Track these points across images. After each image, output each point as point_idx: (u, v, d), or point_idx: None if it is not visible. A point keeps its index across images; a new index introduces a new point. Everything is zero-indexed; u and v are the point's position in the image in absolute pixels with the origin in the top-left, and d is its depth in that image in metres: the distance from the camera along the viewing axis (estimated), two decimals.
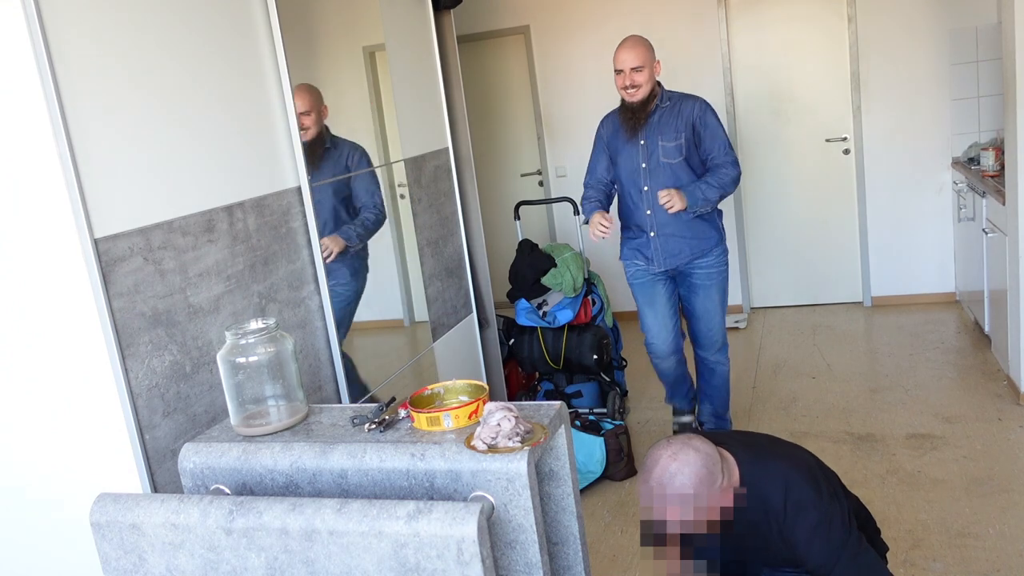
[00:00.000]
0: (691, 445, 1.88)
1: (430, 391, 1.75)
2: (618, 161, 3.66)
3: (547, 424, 1.56)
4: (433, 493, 1.49)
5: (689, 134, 3.53)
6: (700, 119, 3.54)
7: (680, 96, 3.62)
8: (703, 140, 3.55)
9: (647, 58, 3.52)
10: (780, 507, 1.94)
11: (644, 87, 3.52)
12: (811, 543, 1.92)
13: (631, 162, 3.61)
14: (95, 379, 2.01)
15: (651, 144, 3.56)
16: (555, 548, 1.66)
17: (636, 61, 3.49)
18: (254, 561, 1.42)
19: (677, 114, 3.56)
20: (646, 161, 3.57)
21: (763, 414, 4.25)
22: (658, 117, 3.57)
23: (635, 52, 3.51)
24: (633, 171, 3.61)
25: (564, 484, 1.63)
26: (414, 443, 1.53)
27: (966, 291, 5.29)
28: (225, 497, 1.47)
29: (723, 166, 3.52)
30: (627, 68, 3.51)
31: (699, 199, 3.48)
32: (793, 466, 2.02)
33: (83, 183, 1.96)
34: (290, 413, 1.71)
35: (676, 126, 3.54)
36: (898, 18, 5.46)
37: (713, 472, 1.86)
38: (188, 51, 2.37)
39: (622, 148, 3.64)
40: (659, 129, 3.55)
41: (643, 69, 3.50)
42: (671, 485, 1.82)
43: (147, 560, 1.48)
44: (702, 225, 3.61)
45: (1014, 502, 3.18)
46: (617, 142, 3.66)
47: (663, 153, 3.54)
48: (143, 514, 1.47)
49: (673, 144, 3.53)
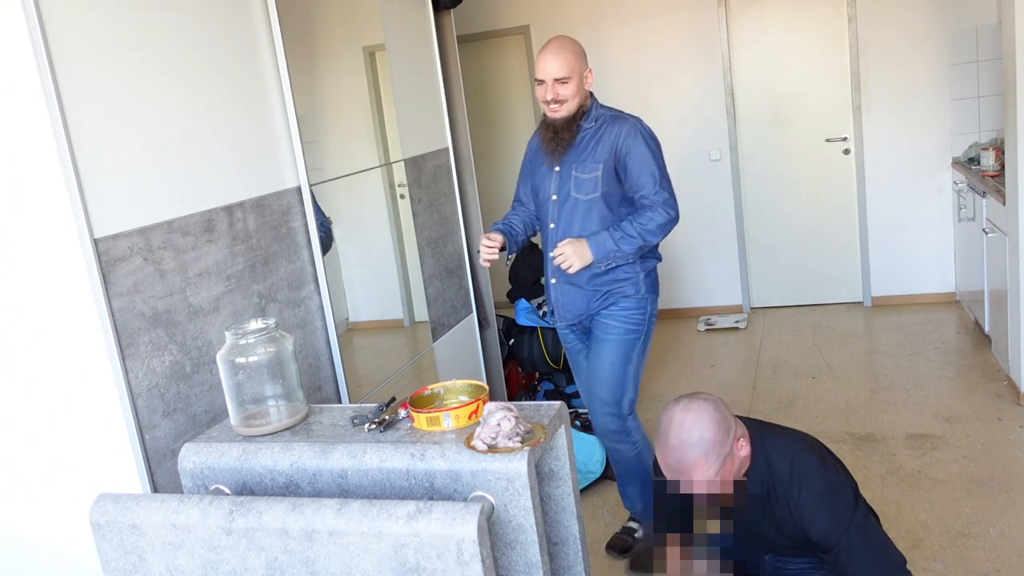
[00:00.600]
0: (698, 397, 1.90)
1: (430, 391, 1.75)
2: (534, 185, 2.96)
3: (547, 424, 1.56)
4: (433, 493, 1.49)
5: (611, 165, 2.78)
6: (624, 146, 2.76)
7: (610, 116, 2.84)
8: (628, 173, 2.78)
9: (575, 66, 2.75)
10: (787, 476, 1.95)
11: (570, 102, 2.76)
12: (817, 512, 1.92)
13: (543, 191, 2.90)
14: (95, 379, 2.01)
15: (565, 173, 2.83)
16: (555, 548, 1.66)
17: (561, 70, 2.73)
18: (254, 561, 1.42)
19: (599, 139, 2.79)
20: (557, 192, 2.85)
21: (763, 414, 4.25)
22: (580, 140, 2.81)
23: (560, 59, 2.73)
24: (543, 203, 2.91)
25: (564, 484, 1.63)
26: (414, 443, 1.53)
27: (966, 291, 5.29)
28: (225, 497, 1.47)
29: (651, 208, 2.75)
30: (549, 78, 2.74)
31: (608, 252, 2.74)
32: (799, 440, 2.04)
33: (83, 183, 1.96)
34: (290, 413, 1.71)
35: (596, 153, 2.79)
36: (898, 18, 5.46)
37: (727, 417, 1.88)
38: (188, 51, 2.37)
39: (537, 171, 2.94)
40: (577, 155, 2.81)
41: (569, 80, 2.73)
42: (691, 435, 1.82)
43: (147, 560, 1.48)
44: (615, 272, 2.84)
45: (1014, 502, 3.18)
46: (536, 163, 2.95)
47: (575, 186, 2.81)
48: (143, 514, 1.47)
49: (589, 176, 2.79)
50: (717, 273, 6.11)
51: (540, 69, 2.76)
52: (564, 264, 2.70)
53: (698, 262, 6.13)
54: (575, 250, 2.70)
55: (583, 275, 2.82)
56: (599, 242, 2.74)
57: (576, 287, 2.86)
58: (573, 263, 2.70)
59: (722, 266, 6.09)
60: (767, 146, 5.91)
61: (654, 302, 2.97)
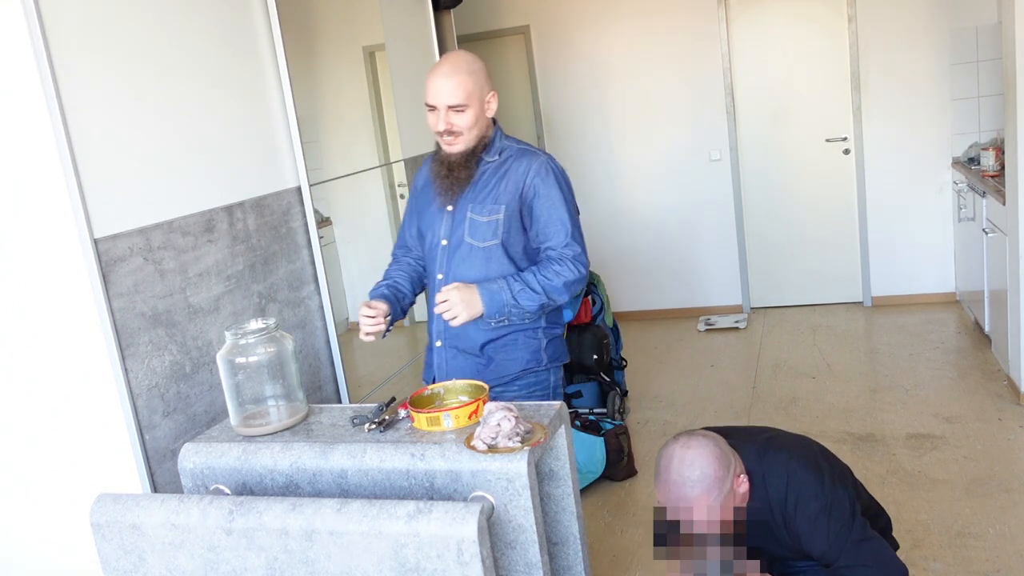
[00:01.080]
0: (697, 434, 1.90)
1: (430, 391, 1.75)
2: (422, 227, 2.45)
3: (547, 424, 1.56)
4: (433, 493, 1.48)
5: (515, 207, 2.32)
6: (532, 186, 2.31)
7: (518, 150, 2.38)
8: (535, 219, 2.32)
9: (473, 90, 2.24)
10: (782, 498, 1.95)
11: (467, 134, 2.27)
12: (814, 532, 1.92)
13: (431, 235, 2.40)
14: (95, 379, 2.01)
15: (459, 214, 2.34)
16: (555, 548, 1.65)
17: (455, 95, 2.22)
18: (254, 561, 1.42)
19: (503, 176, 2.32)
20: (447, 237, 2.35)
21: (763, 414, 4.25)
22: (479, 176, 2.34)
23: (454, 81, 2.22)
24: (431, 248, 2.40)
25: (564, 484, 1.63)
26: (414, 443, 1.53)
27: (966, 291, 5.29)
28: (225, 497, 1.47)
29: (560, 261, 2.30)
30: (441, 105, 2.23)
31: (503, 306, 2.24)
32: (796, 456, 2.02)
33: (83, 183, 1.96)
34: (290, 413, 1.71)
35: (497, 193, 2.32)
36: (898, 18, 5.46)
37: (727, 453, 1.87)
38: (188, 51, 2.37)
39: (426, 211, 2.43)
40: (475, 194, 2.33)
41: (466, 108, 2.24)
42: (691, 474, 1.82)
43: (147, 560, 1.48)
44: (513, 338, 2.35)
45: (1014, 502, 3.18)
46: (426, 199, 2.43)
47: (470, 230, 2.32)
48: (143, 514, 1.47)
49: (487, 219, 2.31)
50: (717, 273, 6.12)
51: (430, 93, 2.25)
52: (447, 314, 2.19)
53: (698, 262, 6.13)
54: (462, 298, 2.20)
55: (475, 339, 2.32)
56: (493, 292, 2.24)
57: (465, 354, 2.35)
58: (458, 314, 2.19)
59: (722, 266, 6.09)
60: (767, 146, 5.91)
61: (558, 371, 2.47)
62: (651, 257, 6.22)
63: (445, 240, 2.37)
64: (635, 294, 6.27)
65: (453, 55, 2.31)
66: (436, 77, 2.25)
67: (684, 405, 4.51)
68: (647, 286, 6.25)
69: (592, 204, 6.06)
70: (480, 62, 2.32)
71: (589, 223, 5.86)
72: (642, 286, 6.25)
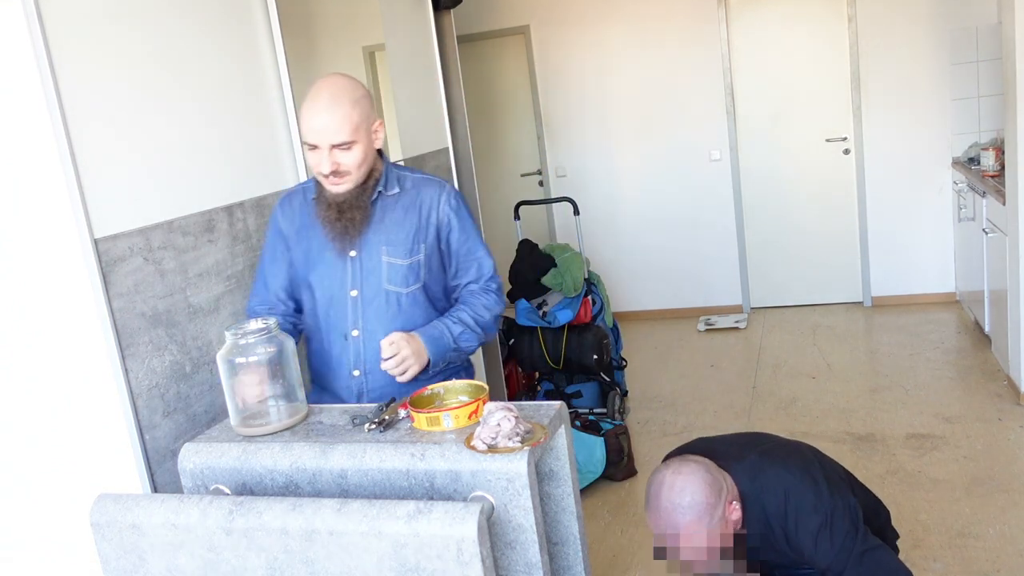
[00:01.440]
0: (687, 460, 1.89)
1: (430, 391, 1.75)
2: (311, 280, 2.13)
3: (547, 424, 1.56)
4: (433, 493, 1.48)
5: (433, 245, 2.12)
6: (446, 219, 2.12)
7: (417, 179, 2.15)
8: (454, 253, 2.15)
9: (360, 123, 1.97)
10: (782, 515, 1.94)
11: (356, 173, 2.01)
12: (817, 547, 1.92)
13: (331, 285, 2.11)
14: (95, 379, 2.01)
15: (370, 258, 2.08)
16: (555, 548, 1.65)
17: (340, 132, 1.95)
18: (254, 561, 1.42)
19: (410, 209, 2.11)
20: (358, 287, 2.09)
21: (763, 414, 4.25)
22: (381, 214, 2.09)
23: (339, 117, 1.94)
24: (334, 301, 2.11)
25: (564, 484, 1.62)
26: (414, 443, 1.53)
27: (966, 291, 5.29)
28: (225, 497, 1.47)
29: (484, 294, 2.15)
30: (324, 145, 1.96)
31: (445, 351, 2.06)
32: (790, 470, 2.00)
33: (83, 183, 1.96)
34: (290, 413, 1.71)
35: (410, 230, 2.09)
36: (898, 18, 5.46)
37: (718, 479, 1.87)
38: (188, 51, 2.37)
39: (318, 259, 2.11)
40: (382, 234, 2.08)
41: (354, 145, 1.97)
42: (682, 500, 1.82)
43: (147, 560, 1.48)
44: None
45: (1014, 502, 3.18)
46: (308, 246, 2.13)
47: (389, 275, 2.08)
48: (143, 514, 1.47)
49: (408, 262, 2.08)
50: (717, 273, 6.12)
51: (309, 131, 1.96)
52: (398, 369, 1.97)
53: (698, 262, 6.13)
54: (414, 350, 1.98)
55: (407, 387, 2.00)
56: (435, 339, 2.04)
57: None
58: (411, 367, 1.97)
59: (722, 266, 6.09)
60: (767, 146, 5.91)
61: None
62: (651, 257, 6.22)
63: (355, 291, 2.09)
64: (635, 294, 6.27)
65: (331, 82, 1.99)
66: (315, 112, 1.95)
67: (684, 405, 4.51)
68: (647, 286, 6.25)
69: (592, 204, 6.06)
70: (363, 88, 2.03)
71: (589, 223, 5.88)
72: (642, 286, 6.26)
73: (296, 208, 2.17)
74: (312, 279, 2.13)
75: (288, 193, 2.22)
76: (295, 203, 2.18)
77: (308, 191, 2.16)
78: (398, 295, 2.08)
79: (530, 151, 6.44)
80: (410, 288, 2.10)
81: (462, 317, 2.10)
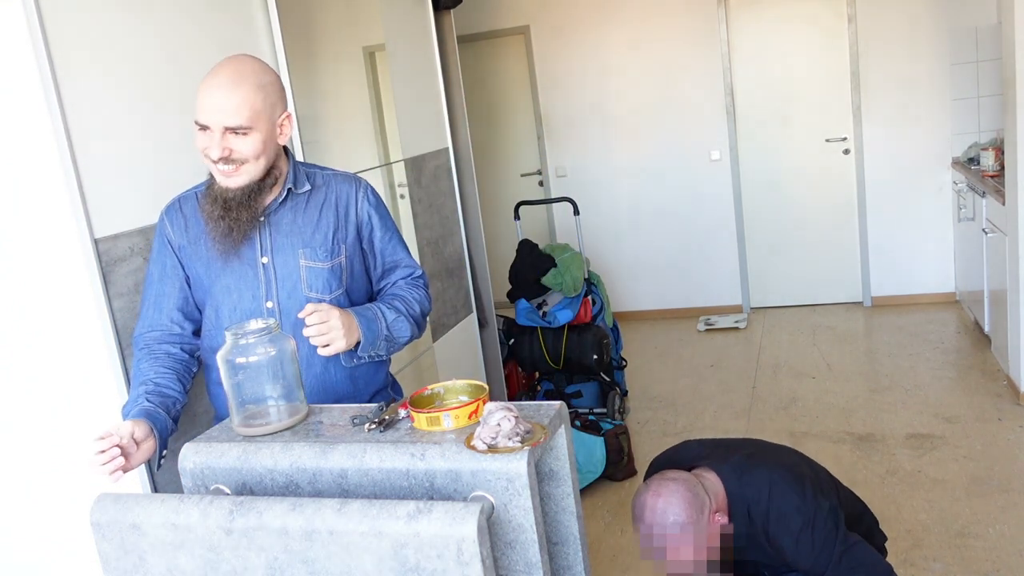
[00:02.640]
0: (666, 478, 1.92)
1: (430, 391, 1.75)
2: (216, 294, 1.89)
3: (547, 424, 1.56)
4: (433, 493, 1.48)
5: (353, 245, 1.96)
6: (366, 216, 1.97)
7: (329, 175, 1.97)
8: (378, 253, 2.00)
9: (263, 110, 1.77)
10: (764, 514, 1.96)
11: (251, 164, 1.79)
12: (798, 548, 1.94)
13: (243, 298, 1.89)
14: (95, 379, 2.01)
15: (283, 265, 1.89)
16: (555, 548, 1.65)
17: (239, 115, 1.74)
18: (254, 561, 1.42)
19: (325, 208, 1.93)
20: (274, 298, 1.89)
21: (763, 414, 4.25)
22: (291, 215, 1.90)
23: (237, 97, 1.73)
24: (249, 316, 1.87)
25: (564, 484, 1.62)
26: (414, 443, 1.53)
27: (966, 291, 5.29)
28: (225, 497, 1.47)
29: (415, 288, 2.02)
30: (217, 126, 1.74)
31: (377, 337, 1.88)
32: (776, 471, 2.03)
33: (83, 183, 1.96)
34: (290, 413, 1.71)
35: (328, 230, 1.92)
36: (898, 18, 5.46)
37: (699, 494, 1.91)
38: (189, 51, 2.37)
39: (222, 269, 1.88)
40: (297, 236, 1.89)
41: (251, 132, 1.76)
42: (665, 519, 1.86)
43: (147, 560, 1.48)
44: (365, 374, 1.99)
45: (1014, 502, 3.18)
46: (209, 256, 1.89)
47: (310, 282, 1.90)
48: (143, 514, 1.47)
49: (327, 265, 1.91)
50: (717, 273, 6.12)
51: (202, 108, 1.74)
52: (321, 339, 1.76)
53: (698, 262, 6.13)
54: (344, 322, 1.77)
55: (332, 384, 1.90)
56: (370, 320, 1.86)
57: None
58: (335, 340, 1.77)
59: (722, 266, 6.09)
60: (767, 146, 5.91)
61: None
62: (651, 257, 6.22)
63: (270, 302, 1.88)
64: (635, 294, 6.27)
65: (237, 60, 1.78)
66: (212, 88, 1.73)
67: (684, 405, 4.51)
68: (647, 286, 6.25)
69: (592, 204, 6.06)
70: (273, 73, 1.82)
71: (589, 223, 5.88)
72: (642, 286, 6.26)
73: (189, 214, 1.91)
74: (218, 293, 1.88)
75: (177, 198, 1.95)
76: (187, 209, 1.92)
77: (202, 193, 1.90)
78: (323, 302, 1.83)
79: (530, 151, 6.44)
80: (333, 294, 1.91)
81: (395, 305, 1.94)
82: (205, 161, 1.80)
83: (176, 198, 1.96)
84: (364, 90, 3.40)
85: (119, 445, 1.63)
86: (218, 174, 1.81)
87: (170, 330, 1.91)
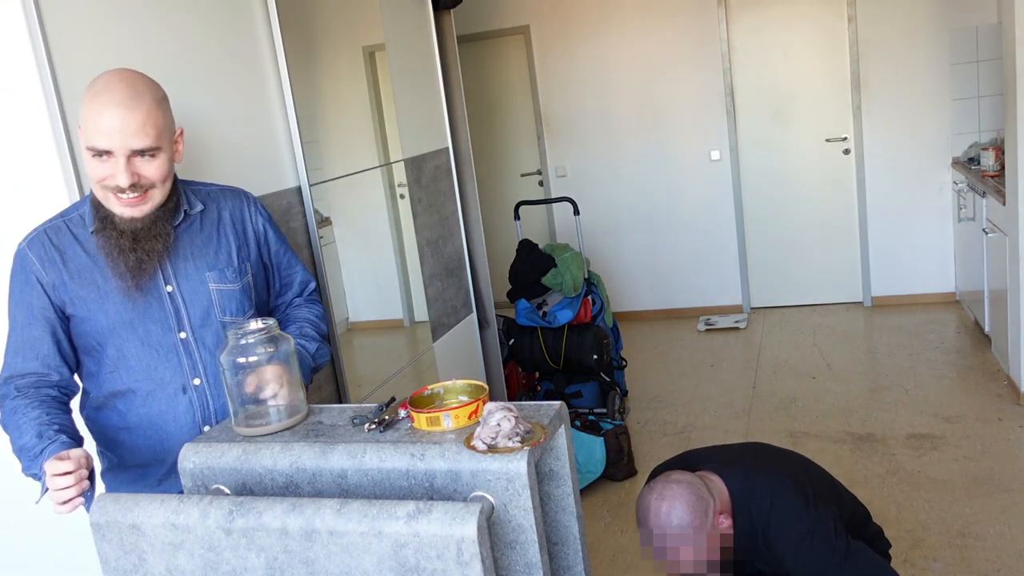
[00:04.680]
0: (672, 480, 1.92)
1: (430, 391, 1.75)
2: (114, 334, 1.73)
3: (547, 424, 1.56)
4: (433, 493, 1.48)
5: (256, 261, 1.88)
6: (261, 230, 1.89)
7: (212, 191, 1.86)
8: (276, 266, 1.93)
9: (165, 129, 1.65)
10: (765, 520, 1.96)
11: (160, 189, 1.67)
12: (797, 557, 1.94)
13: (152, 333, 1.74)
14: None
15: (191, 291, 1.77)
16: (555, 548, 1.65)
17: (147, 135, 1.60)
18: (254, 561, 1.42)
19: (219, 224, 1.83)
20: (186, 327, 1.77)
21: (763, 414, 4.25)
22: (188, 238, 1.78)
23: (139, 114, 1.58)
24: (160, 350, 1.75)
25: (564, 484, 1.62)
26: (414, 443, 1.53)
27: (966, 291, 5.29)
28: (225, 497, 1.47)
29: (312, 305, 1.97)
30: (122, 150, 1.59)
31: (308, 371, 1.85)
32: (780, 478, 2.02)
33: (83, 183, 1.96)
34: (290, 413, 1.71)
35: (231, 249, 1.83)
36: (898, 18, 5.46)
37: (703, 497, 1.90)
38: (188, 51, 2.37)
39: (120, 306, 1.72)
40: (201, 259, 1.79)
41: (158, 154, 1.64)
42: (669, 522, 1.86)
43: (147, 560, 1.48)
44: None
45: (1014, 502, 3.18)
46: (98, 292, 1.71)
47: (222, 304, 1.80)
48: (143, 514, 1.47)
49: (237, 285, 1.82)
50: (717, 273, 6.12)
51: (98, 131, 1.56)
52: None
53: (698, 262, 6.13)
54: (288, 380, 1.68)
55: None
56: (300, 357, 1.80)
57: None
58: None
59: (722, 266, 6.09)
60: (767, 146, 5.91)
61: None
62: (651, 257, 6.22)
63: (183, 332, 1.76)
64: (635, 294, 6.27)
65: (126, 74, 1.61)
66: (110, 107, 1.55)
67: (684, 405, 4.51)
68: (647, 286, 6.25)
69: (592, 204, 6.06)
70: (161, 87, 1.67)
71: (589, 223, 5.88)
72: (642, 286, 6.26)
73: (65, 247, 1.71)
74: (120, 330, 1.72)
75: (42, 229, 1.73)
76: (61, 241, 1.71)
77: (77, 223, 1.72)
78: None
79: (530, 151, 6.44)
80: (247, 315, 1.83)
81: (308, 333, 1.88)
82: (100, 192, 1.63)
83: (40, 229, 1.73)
84: (364, 90, 3.40)
85: (78, 470, 1.50)
86: (119, 204, 1.64)
87: (47, 377, 1.72)
